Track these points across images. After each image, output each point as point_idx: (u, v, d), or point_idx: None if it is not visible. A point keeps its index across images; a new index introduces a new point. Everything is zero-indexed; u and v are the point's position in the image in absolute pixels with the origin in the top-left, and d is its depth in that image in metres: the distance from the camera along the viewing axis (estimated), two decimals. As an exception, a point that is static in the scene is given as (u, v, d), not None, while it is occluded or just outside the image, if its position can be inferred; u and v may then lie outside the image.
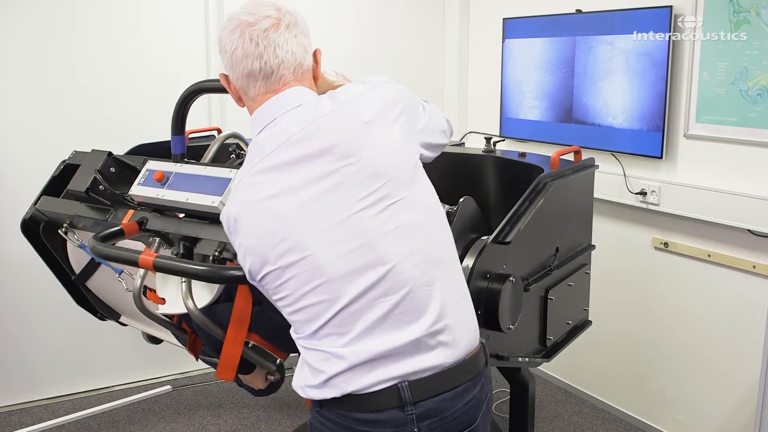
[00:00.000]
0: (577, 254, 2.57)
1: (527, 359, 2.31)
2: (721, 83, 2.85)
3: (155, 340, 2.76)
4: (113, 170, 2.34)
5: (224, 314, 1.98)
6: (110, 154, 2.39)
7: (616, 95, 3.24)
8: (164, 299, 2.11)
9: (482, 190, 2.79)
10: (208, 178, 2.04)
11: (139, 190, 2.14)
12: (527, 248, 2.21)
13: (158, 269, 1.89)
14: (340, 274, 1.40)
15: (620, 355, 3.48)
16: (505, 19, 3.79)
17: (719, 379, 3.05)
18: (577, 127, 3.44)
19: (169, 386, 3.81)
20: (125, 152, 2.68)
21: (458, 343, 1.48)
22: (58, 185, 2.57)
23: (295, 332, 1.49)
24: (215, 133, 3.08)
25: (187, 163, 2.19)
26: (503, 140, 3.77)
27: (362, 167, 1.41)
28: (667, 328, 3.25)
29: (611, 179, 3.24)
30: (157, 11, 3.64)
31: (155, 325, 2.63)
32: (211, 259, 1.99)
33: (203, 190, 2.02)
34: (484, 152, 2.91)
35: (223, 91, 2.33)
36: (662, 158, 3.08)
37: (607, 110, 3.29)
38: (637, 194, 3.19)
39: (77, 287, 2.70)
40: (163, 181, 2.10)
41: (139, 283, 2.05)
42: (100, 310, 2.74)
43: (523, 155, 2.82)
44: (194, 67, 3.72)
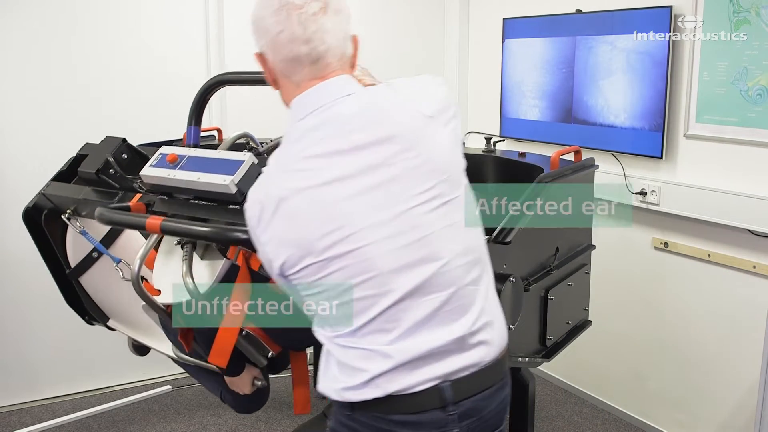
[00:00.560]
0: (577, 254, 2.57)
1: (527, 359, 2.31)
2: (721, 83, 2.85)
3: (141, 350, 2.75)
4: (125, 156, 2.33)
5: None
6: (124, 140, 2.37)
7: (616, 95, 3.24)
8: (159, 291, 2.11)
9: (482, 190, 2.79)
10: (221, 160, 2.00)
11: (150, 170, 2.10)
12: (527, 248, 2.21)
13: (165, 232, 1.87)
14: (391, 268, 1.36)
15: (620, 355, 3.48)
16: (505, 19, 3.79)
17: (719, 379, 3.05)
18: (577, 127, 3.44)
19: (169, 386, 3.80)
20: None
21: (494, 341, 1.48)
22: (66, 176, 2.56)
23: (328, 329, 1.43)
24: (215, 133, 3.07)
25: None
26: (503, 140, 3.77)
27: (422, 162, 1.38)
28: (667, 328, 3.25)
29: (611, 179, 3.23)
30: (157, 11, 3.64)
31: (143, 329, 2.63)
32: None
33: (215, 170, 1.97)
34: (484, 152, 2.91)
35: (244, 83, 2.34)
36: (662, 158, 3.08)
37: (607, 110, 3.29)
38: (637, 194, 3.19)
39: (69, 284, 2.68)
40: (175, 162, 2.07)
41: (137, 266, 2.02)
42: (89, 310, 2.71)
43: (523, 155, 2.82)
44: (194, 67, 3.72)
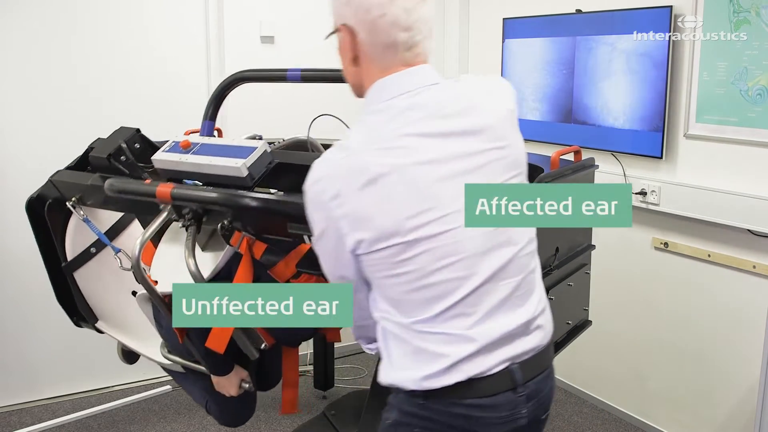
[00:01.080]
0: (577, 254, 2.56)
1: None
2: (721, 83, 2.85)
3: (130, 357, 2.75)
4: (138, 146, 2.32)
5: None
6: (138, 130, 2.37)
7: (616, 95, 3.24)
8: (156, 281, 2.11)
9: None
10: (234, 146, 2.01)
11: (162, 155, 2.10)
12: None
13: (175, 198, 1.88)
14: (477, 251, 1.39)
15: (620, 355, 3.48)
16: (505, 19, 3.79)
17: (719, 379, 3.05)
18: (577, 127, 3.44)
19: (169, 386, 3.80)
20: None
21: (547, 327, 1.53)
22: (76, 169, 2.57)
23: (403, 316, 1.41)
24: (215, 133, 3.07)
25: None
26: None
27: (508, 153, 1.44)
28: (667, 328, 3.25)
29: (611, 179, 3.24)
30: (157, 11, 3.64)
31: (132, 331, 2.64)
32: (219, 227, 1.95)
33: (228, 155, 1.98)
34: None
35: (264, 80, 2.34)
36: (662, 158, 3.08)
37: (607, 110, 3.29)
38: (637, 194, 3.19)
39: (63, 280, 2.67)
40: (188, 148, 2.07)
41: (138, 249, 2.01)
42: (80, 308, 2.71)
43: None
44: (194, 66, 3.73)
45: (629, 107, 3.19)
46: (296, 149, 2.39)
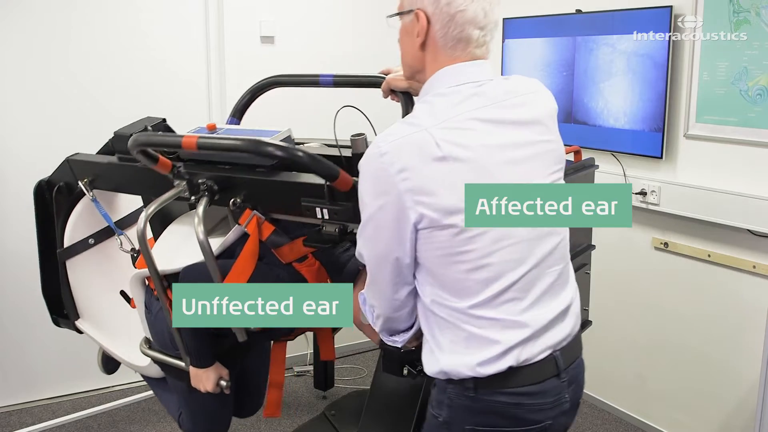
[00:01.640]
0: (577, 254, 2.56)
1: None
2: (721, 83, 2.85)
3: (109, 365, 2.76)
4: (160, 133, 2.32)
5: (224, 269, 1.96)
6: (164, 120, 2.39)
7: (616, 95, 3.24)
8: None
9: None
10: (257, 130, 2.04)
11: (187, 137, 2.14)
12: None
13: (201, 148, 1.88)
14: (530, 235, 1.45)
15: (620, 355, 3.48)
16: (505, 19, 3.79)
17: (719, 379, 3.05)
18: (577, 127, 3.44)
19: (169, 386, 3.80)
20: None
21: (578, 314, 1.60)
22: None
23: (457, 300, 1.43)
24: None
25: None
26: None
27: (554, 147, 1.54)
28: (667, 328, 3.25)
29: (611, 179, 3.23)
30: (157, 11, 3.64)
31: (111, 332, 2.65)
32: (231, 203, 1.96)
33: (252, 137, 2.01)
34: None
35: (297, 85, 2.36)
36: (662, 158, 3.08)
37: (607, 110, 3.29)
38: (637, 194, 3.19)
39: (52, 270, 2.67)
40: (213, 131, 2.11)
41: (144, 221, 2.01)
42: (64, 302, 2.70)
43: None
44: (194, 66, 3.73)
45: (629, 107, 3.19)
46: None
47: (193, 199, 2.01)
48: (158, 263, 2.07)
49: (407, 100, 1.96)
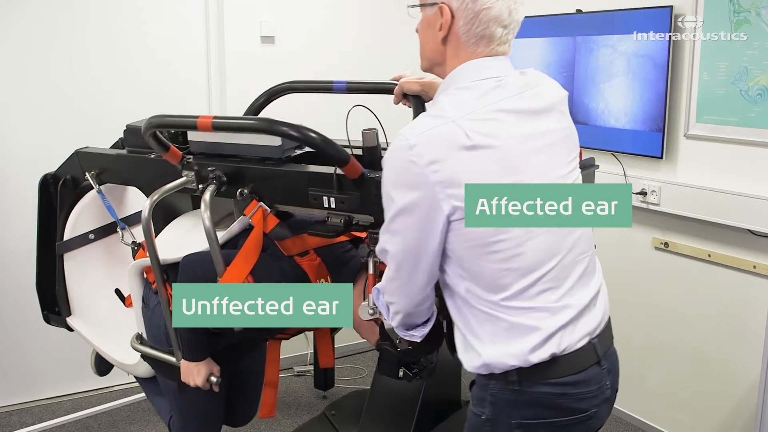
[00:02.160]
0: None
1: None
2: (721, 83, 2.85)
3: (102, 367, 2.75)
4: (172, 132, 2.32)
5: (227, 258, 1.96)
6: None
7: (616, 95, 3.24)
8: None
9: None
10: None
11: (197, 135, 2.19)
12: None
13: (216, 128, 1.92)
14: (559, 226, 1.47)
15: (620, 355, 3.45)
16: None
17: (720, 379, 3.05)
18: (577, 127, 3.37)
19: (169, 386, 3.80)
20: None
21: (606, 302, 1.61)
22: None
23: (492, 293, 1.43)
24: None
25: None
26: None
27: (570, 133, 1.59)
28: (667, 328, 3.25)
29: (612, 179, 3.23)
30: (157, 11, 3.64)
31: (102, 330, 2.65)
32: (238, 193, 1.99)
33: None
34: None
35: (310, 91, 2.40)
36: (662, 158, 3.08)
37: (608, 110, 3.29)
38: (637, 194, 3.19)
39: (49, 264, 2.68)
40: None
41: (149, 208, 2.03)
42: (57, 296, 2.71)
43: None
44: (195, 66, 3.73)
45: (629, 107, 3.18)
46: None
47: (201, 187, 2.04)
48: (160, 252, 2.09)
49: (418, 104, 2.00)
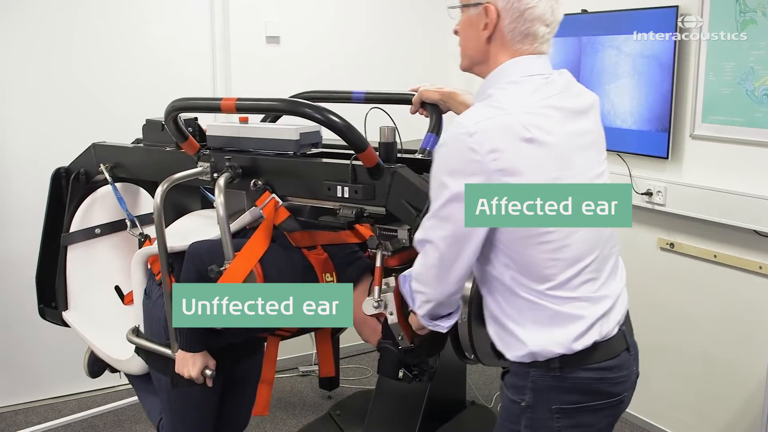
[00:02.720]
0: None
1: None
2: (727, 83, 2.84)
3: (95, 366, 2.76)
4: (191, 129, 2.34)
5: (236, 247, 1.97)
6: (196, 118, 2.44)
7: (622, 95, 3.23)
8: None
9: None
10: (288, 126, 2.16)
11: (219, 126, 2.24)
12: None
13: (240, 110, 1.98)
14: None
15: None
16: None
17: (725, 379, 3.04)
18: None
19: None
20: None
21: (626, 293, 1.67)
22: None
23: (538, 283, 1.47)
24: None
25: None
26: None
27: (603, 136, 1.66)
28: (672, 328, 3.24)
29: (617, 179, 3.22)
30: (162, 12, 3.64)
31: (97, 326, 2.66)
32: (252, 183, 2.05)
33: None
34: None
35: (329, 101, 2.40)
36: (668, 158, 3.07)
37: (614, 112, 3.28)
38: (642, 194, 3.18)
39: (51, 255, 2.70)
40: (245, 122, 2.21)
41: (160, 195, 2.05)
42: (57, 288, 2.73)
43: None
44: (200, 67, 3.73)
45: (635, 107, 3.18)
46: None
47: (215, 176, 2.09)
48: (167, 241, 2.10)
49: (436, 112, 2.08)
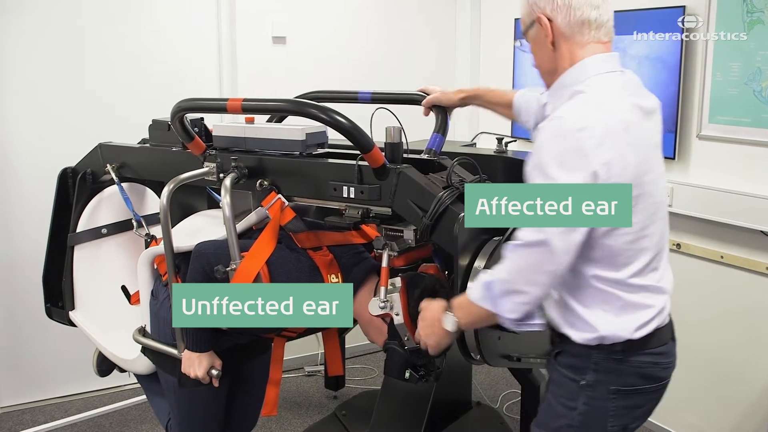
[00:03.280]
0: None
1: (538, 360, 2.30)
2: (734, 84, 2.82)
3: (104, 366, 2.78)
4: (197, 130, 2.36)
5: (243, 247, 1.98)
6: (203, 119, 2.46)
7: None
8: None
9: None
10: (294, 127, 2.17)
11: (226, 126, 2.25)
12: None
13: (246, 110, 2.01)
14: (665, 214, 1.63)
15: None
16: (516, 19, 3.78)
17: (732, 381, 3.02)
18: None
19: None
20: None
21: None
22: None
23: (619, 271, 1.55)
24: None
25: None
26: (515, 140, 3.74)
27: (661, 139, 1.68)
28: (678, 329, 3.18)
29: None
30: (168, 12, 3.65)
31: (103, 326, 2.68)
32: (258, 184, 2.07)
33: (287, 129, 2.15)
34: (495, 153, 2.89)
35: (336, 101, 2.44)
36: (675, 159, 3.06)
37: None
38: (649, 195, 3.17)
39: (58, 255, 2.72)
40: (251, 123, 2.24)
41: (167, 195, 2.07)
42: (63, 288, 2.74)
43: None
44: (206, 67, 3.74)
45: (641, 107, 3.16)
46: None
47: (221, 176, 2.10)
48: (174, 241, 2.12)
49: (441, 113, 2.12)
